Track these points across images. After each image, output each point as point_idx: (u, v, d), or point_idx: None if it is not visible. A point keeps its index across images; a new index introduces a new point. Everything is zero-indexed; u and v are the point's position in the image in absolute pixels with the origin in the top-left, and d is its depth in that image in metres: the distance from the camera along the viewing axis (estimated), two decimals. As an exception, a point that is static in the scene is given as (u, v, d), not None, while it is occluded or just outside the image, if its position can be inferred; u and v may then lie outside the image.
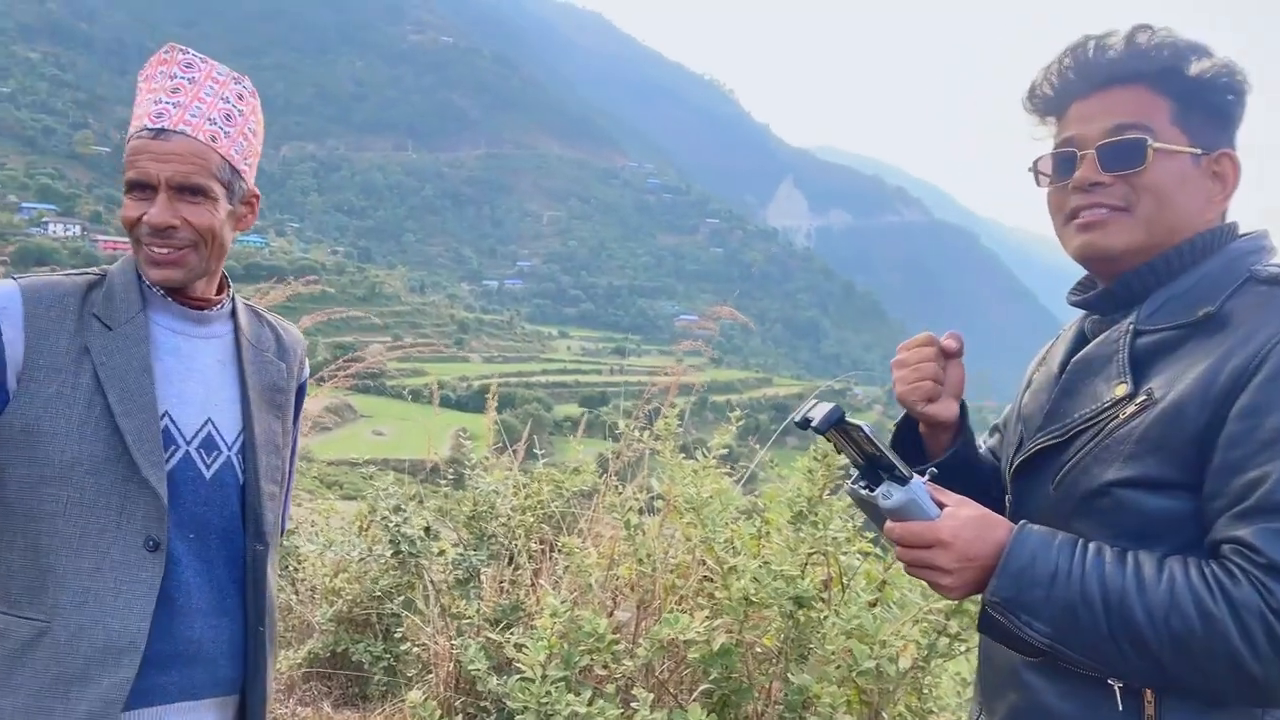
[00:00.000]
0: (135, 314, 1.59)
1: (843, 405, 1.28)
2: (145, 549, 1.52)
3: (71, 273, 1.64)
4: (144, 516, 1.52)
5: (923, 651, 2.37)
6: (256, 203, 1.72)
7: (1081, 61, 1.32)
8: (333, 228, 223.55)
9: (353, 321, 72.68)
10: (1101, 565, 1.17)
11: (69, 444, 1.49)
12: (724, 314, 4.15)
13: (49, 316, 1.53)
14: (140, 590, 1.51)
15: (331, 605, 3.93)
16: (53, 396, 1.50)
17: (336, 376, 5.97)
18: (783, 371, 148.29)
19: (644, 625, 2.78)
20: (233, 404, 1.70)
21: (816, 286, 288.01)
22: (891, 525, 1.26)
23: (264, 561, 1.69)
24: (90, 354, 1.53)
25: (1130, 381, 1.25)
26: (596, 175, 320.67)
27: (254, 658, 1.68)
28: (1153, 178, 1.28)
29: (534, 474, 3.60)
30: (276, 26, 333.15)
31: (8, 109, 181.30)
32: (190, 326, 1.67)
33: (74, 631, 1.47)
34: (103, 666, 1.48)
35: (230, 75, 1.66)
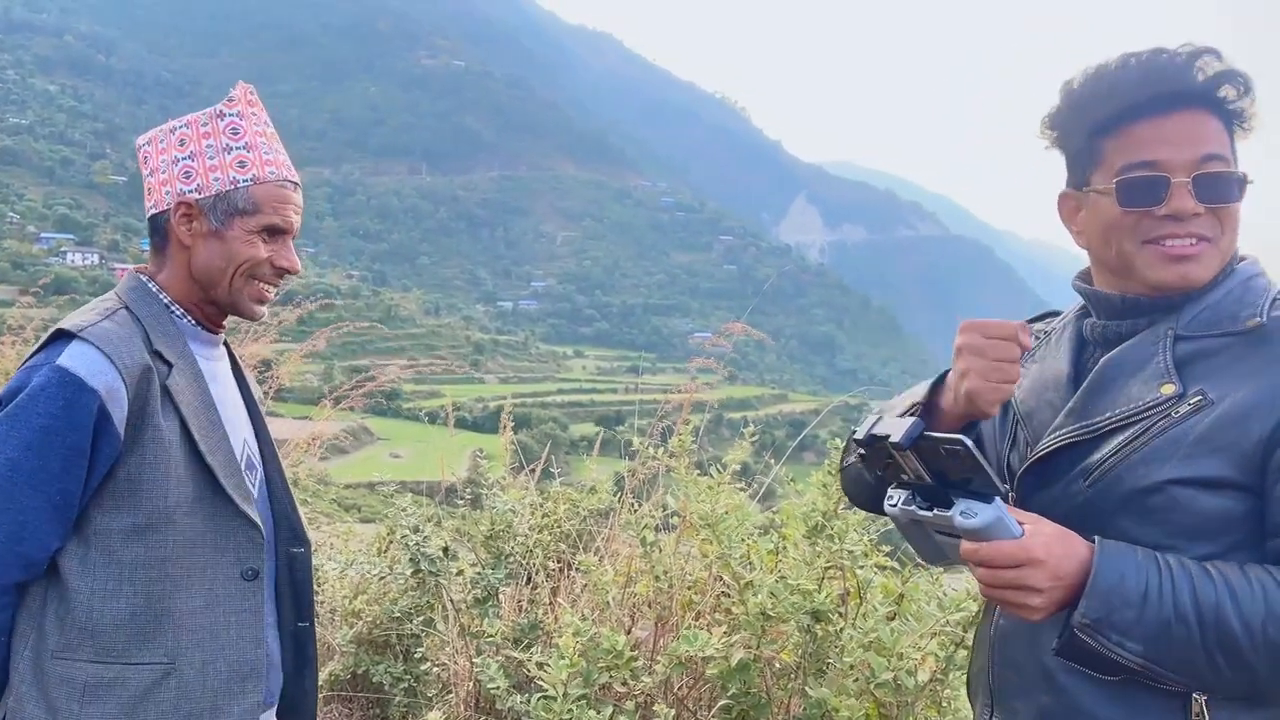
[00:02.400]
0: (183, 347, 1.62)
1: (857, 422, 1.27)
2: (244, 579, 1.57)
3: (106, 311, 1.60)
4: (237, 548, 1.57)
5: (941, 664, 2.37)
6: None
7: (1156, 76, 1.29)
8: (348, 252, 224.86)
9: (368, 344, 73.06)
10: (1190, 579, 1.15)
11: (169, 488, 1.51)
12: (737, 330, 4.16)
13: (139, 365, 1.53)
14: (249, 619, 1.57)
15: (351, 627, 3.95)
16: (149, 443, 1.51)
17: (351, 396, 6.01)
18: (798, 387, 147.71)
19: (662, 642, 2.79)
20: (248, 421, 1.75)
21: (831, 302, 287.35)
22: (973, 546, 1.20)
23: (305, 563, 1.74)
24: (170, 393, 1.54)
25: (1178, 382, 1.25)
26: (610, 195, 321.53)
27: (298, 659, 1.73)
28: (1236, 212, 1.31)
29: (550, 493, 3.61)
30: (293, 56, 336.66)
31: (26, 140, 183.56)
32: (209, 350, 1.71)
33: (199, 668, 1.52)
34: (230, 697, 1.54)
35: (265, 119, 1.75)
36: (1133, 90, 1.30)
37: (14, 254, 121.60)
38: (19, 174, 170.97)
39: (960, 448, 1.17)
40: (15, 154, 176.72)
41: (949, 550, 1.27)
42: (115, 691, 1.49)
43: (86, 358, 1.48)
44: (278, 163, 1.68)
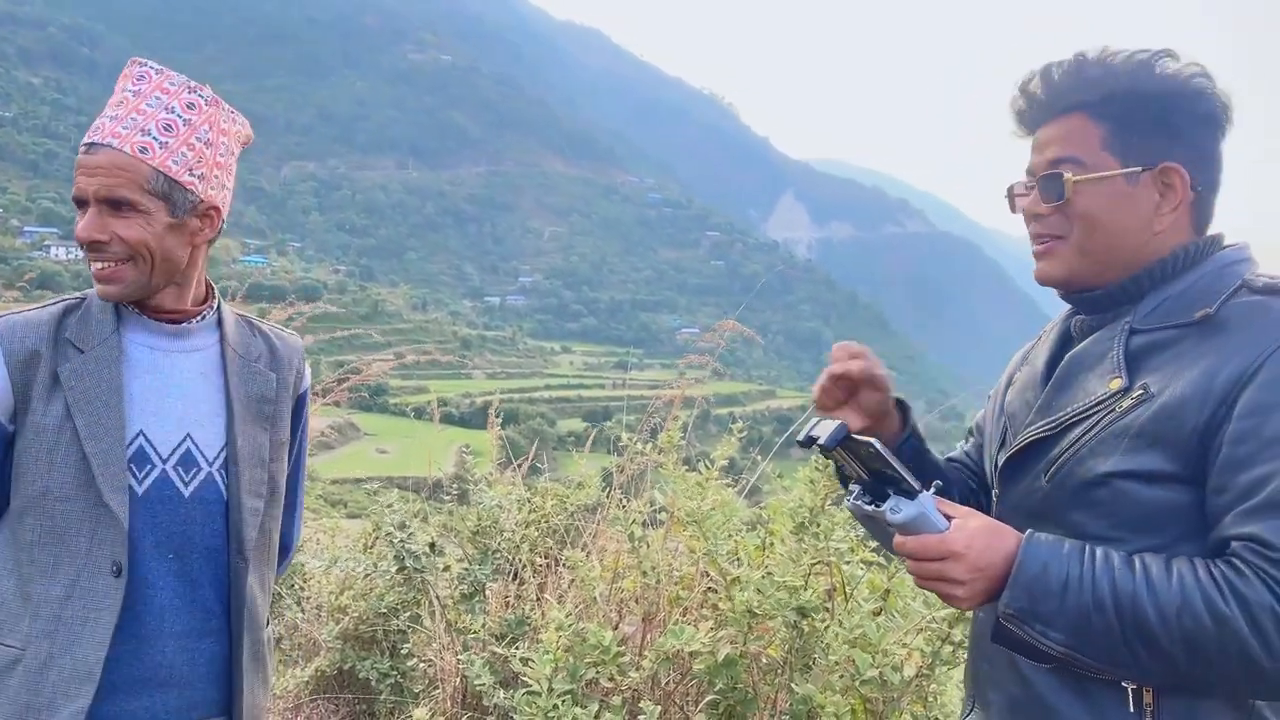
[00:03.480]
0: (108, 335, 1.58)
1: None
2: (111, 574, 1.50)
3: (49, 302, 1.63)
4: (112, 541, 1.51)
5: (927, 660, 2.37)
6: (217, 215, 1.66)
7: (1034, 92, 1.40)
8: (335, 246, 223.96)
9: (355, 341, 72.61)
10: (1111, 569, 1.18)
11: (40, 473, 1.50)
12: (728, 328, 4.15)
13: (26, 350, 1.52)
14: (103, 618, 1.49)
15: (337, 623, 3.93)
16: (29, 427, 1.51)
17: (335, 390, 5.98)
18: (786, 383, 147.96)
19: (649, 637, 2.79)
20: (215, 417, 1.66)
21: (819, 298, 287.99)
22: (902, 539, 1.26)
23: (245, 578, 1.64)
24: (60, 380, 1.52)
25: (1125, 376, 1.28)
26: (598, 191, 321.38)
27: (237, 677, 1.64)
28: (1080, 207, 1.35)
29: (537, 489, 3.61)
30: (279, 49, 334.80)
31: (10, 133, 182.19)
32: (167, 341, 1.65)
33: (44, 660, 1.47)
34: (65, 696, 1.47)
35: (185, 85, 1.62)
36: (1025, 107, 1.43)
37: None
38: (2, 167, 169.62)
39: (872, 449, 1.24)
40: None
41: None
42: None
43: None
44: (94, 127, 1.57)
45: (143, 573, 1.54)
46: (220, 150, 1.65)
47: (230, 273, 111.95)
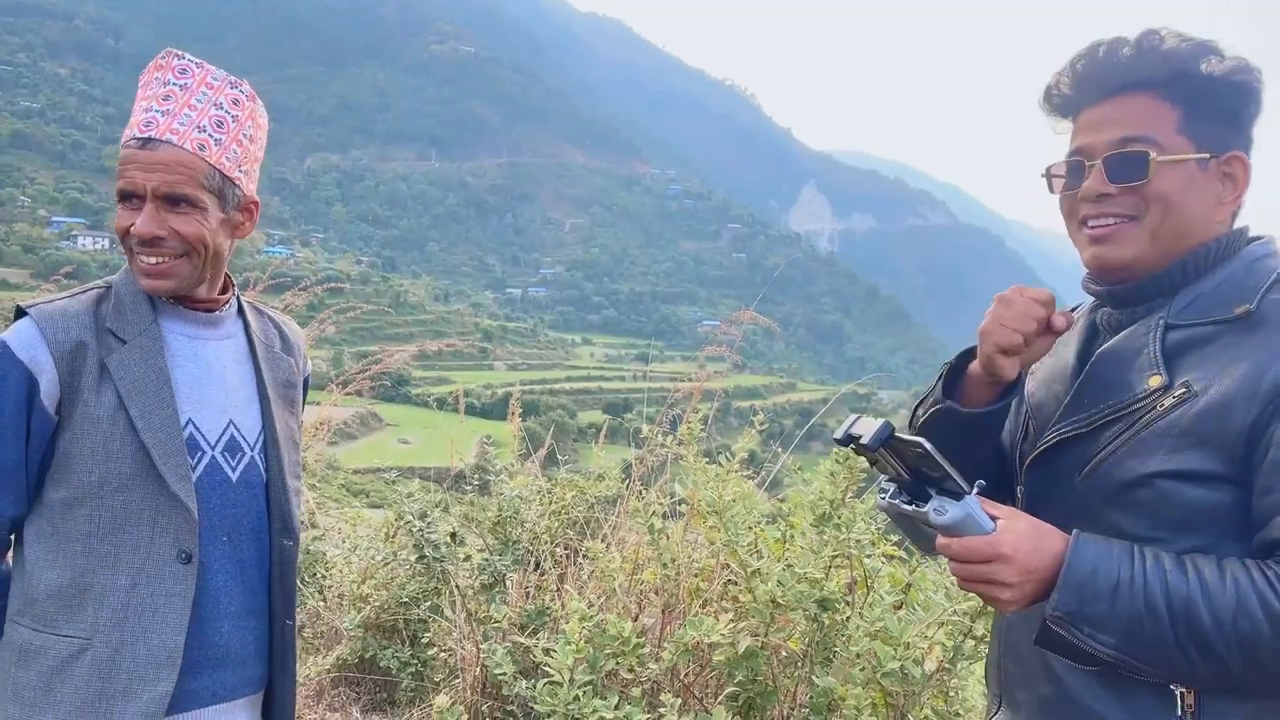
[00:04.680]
0: (148, 324, 1.59)
1: (861, 410, 1.27)
2: (178, 561, 1.54)
3: (76, 291, 1.63)
4: (175, 529, 1.54)
5: (948, 654, 2.36)
6: (256, 209, 1.69)
7: (1092, 67, 1.34)
8: (357, 238, 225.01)
9: (377, 331, 73.24)
10: (1163, 572, 1.15)
11: (96, 464, 1.51)
12: (746, 318, 4.14)
13: (71, 341, 1.53)
14: (176, 604, 1.53)
15: (359, 611, 3.96)
16: (80, 419, 1.51)
17: (357, 380, 6.02)
18: (806, 376, 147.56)
19: (669, 629, 2.79)
20: (251, 403, 1.70)
21: (840, 290, 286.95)
22: (946, 541, 1.22)
23: (291, 557, 1.71)
24: (109, 371, 1.53)
25: (1164, 373, 1.24)
26: (618, 183, 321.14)
27: (281, 653, 1.71)
28: (1158, 188, 1.29)
29: (558, 480, 3.61)
30: (300, 40, 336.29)
31: (37, 124, 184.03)
32: (204, 330, 1.68)
33: (115, 648, 1.50)
34: (143, 681, 1.50)
35: (227, 80, 1.63)
36: (1073, 83, 1.37)
37: (25, 238, 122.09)
38: (30, 158, 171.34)
39: (921, 449, 1.19)
40: (26, 138, 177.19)
41: (934, 542, 1.29)
42: (39, 659, 1.51)
43: (22, 333, 1.52)
44: (138, 121, 1.56)
45: (201, 556, 1.57)
46: (258, 146, 1.68)
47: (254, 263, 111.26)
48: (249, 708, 1.69)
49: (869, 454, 1.26)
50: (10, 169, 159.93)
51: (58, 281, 10.37)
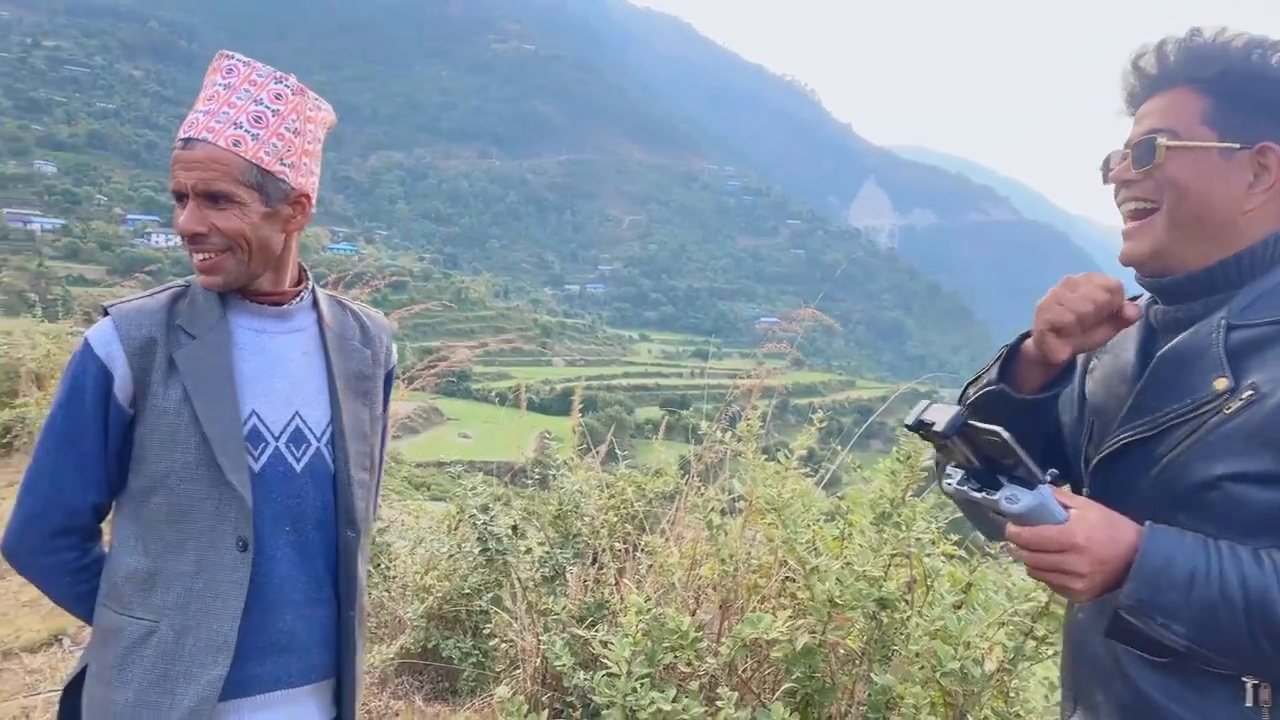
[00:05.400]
0: (217, 320, 1.64)
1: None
2: (237, 549, 1.58)
3: (156, 290, 1.69)
4: (234, 518, 1.58)
5: (1009, 654, 2.34)
6: (307, 202, 1.70)
7: (1144, 67, 1.38)
8: (420, 235, 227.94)
9: (439, 326, 74.19)
10: (1240, 563, 1.15)
11: (163, 455, 1.57)
12: (807, 315, 4.13)
13: (142, 337, 1.59)
14: (234, 591, 1.58)
15: (422, 602, 4.04)
16: (150, 412, 1.58)
17: (422, 376, 6.13)
18: (866, 374, 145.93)
19: (727, 625, 2.81)
20: (320, 394, 1.73)
21: (900, 287, 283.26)
22: (1017, 530, 1.22)
23: (354, 548, 1.73)
24: (176, 365, 1.59)
25: (1230, 375, 1.24)
26: (676, 179, 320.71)
27: (345, 642, 1.74)
28: (1169, 173, 1.32)
29: (617, 474, 3.65)
30: (365, 39, 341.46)
31: (113, 125, 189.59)
32: (272, 323, 1.71)
33: (179, 631, 1.56)
34: (202, 665, 1.56)
35: (271, 76, 1.65)
36: (1129, 84, 1.41)
37: (101, 235, 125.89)
38: (106, 157, 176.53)
39: (998, 438, 1.19)
40: (103, 138, 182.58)
41: (1002, 529, 1.28)
42: (117, 640, 1.59)
43: (101, 331, 1.60)
44: (188, 122, 1.61)
45: (263, 546, 1.62)
46: (308, 138, 1.69)
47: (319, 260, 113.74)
48: (314, 694, 1.73)
49: (942, 440, 1.27)
50: (88, 168, 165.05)
51: (137, 278, 10.73)
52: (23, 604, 5.13)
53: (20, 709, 3.88)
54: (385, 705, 3.93)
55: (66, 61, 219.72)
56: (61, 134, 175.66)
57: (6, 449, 8.58)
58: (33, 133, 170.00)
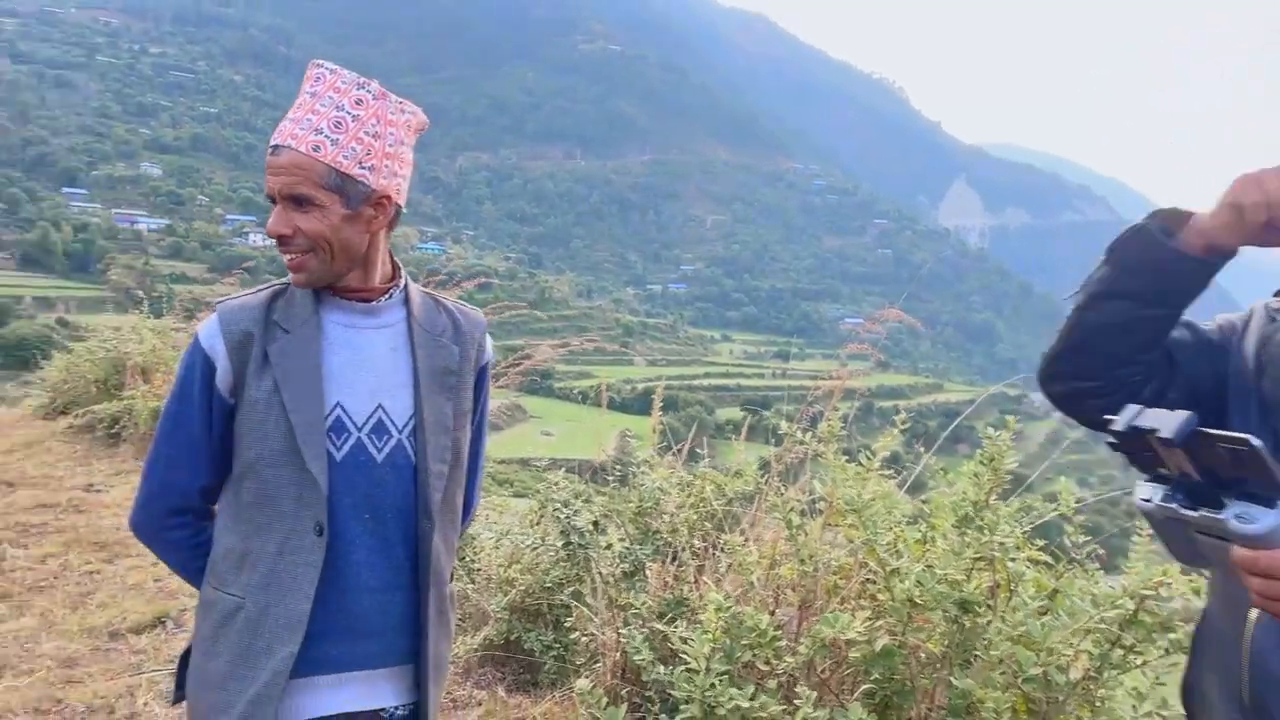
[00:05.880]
0: (309, 316, 1.73)
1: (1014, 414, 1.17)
2: (314, 533, 1.66)
3: (261, 288, 1.80)
4: (314, 503, 1.66)
5: (1094, 662, 2.29)
6: (389, 203, 1.75)
7: None
8: (505, 235, 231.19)
9: (523, 325, 75.19)
10: None
11: (254, 442, 1.67)
12: (891, 316, 4.08)
13: (241, 332, 1.70)
14: (309, 574, 1.66)
15: (505, 595, 4.13)
16: (245, 401, 1.68)
17: (507, 374, 6.23)
18: (954, 377, 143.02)
19: (805, 625, 2.81)
20: (404, 388, 1.79)
21: (991, 288, 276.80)
22: (1252, 556, 1.07)
23: (431, 537, 1.77)
24: (269, 359, 1.68)
25: None
26: (761, 178, 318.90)
27: (424, 629, 1.79)
28: None
29: (697, 473, 3.67)
30: (456, 42, 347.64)
31: (215, 128, 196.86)
32: (361, 319, 1.79)
33: (262, 609, 1.65)
34: (280, 641, 1.65)
35: (354, 82, 1.71)
36: None
37: (203, 234, 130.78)
38: (208, 159, 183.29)
39: (1245, 448, 1.04)
40: (205, 141, 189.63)
41: (1209, 552, 1.14)
42: (212, 613, 1.71)
43: (208, 325, 1.72)
44: (277, 130, 1.70)
45: (342, 532, 1.69)
46: (389, 141, 1.73)
47: (408, 259, 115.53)
48: (391, 678, 1.79)
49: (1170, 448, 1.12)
50: (191, 170, 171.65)
51: (239, 275, 11.16)
52: (129, 586, 5.39)
53: (126, 687, 4.07)
54: (469, 695, 4.02)
55: (172, 67, 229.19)
56: (167, 137, 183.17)
57: (115, 439, 8.99)
58: (140, 136, 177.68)
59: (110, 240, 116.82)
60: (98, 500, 7.15)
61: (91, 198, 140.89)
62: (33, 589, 5.26)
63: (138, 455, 8.53)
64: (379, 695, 1.77)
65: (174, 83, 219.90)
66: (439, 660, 1.85)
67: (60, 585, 5.33)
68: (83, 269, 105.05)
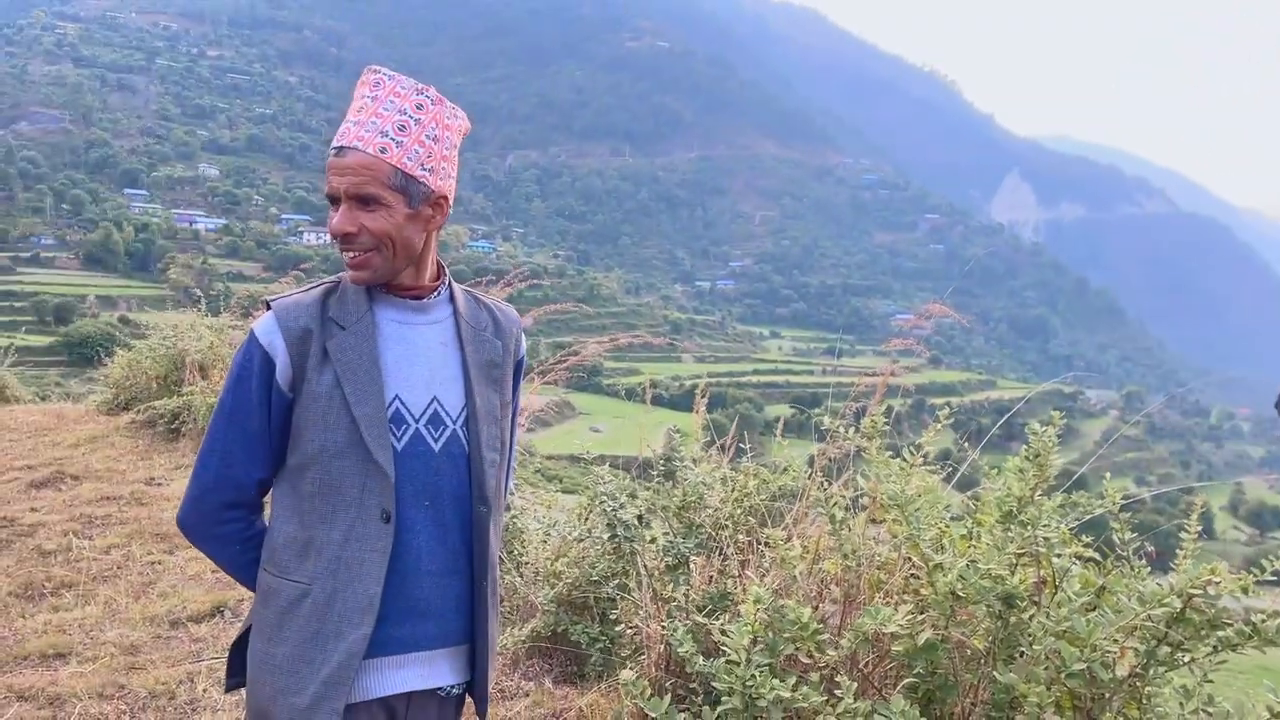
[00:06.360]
0: (364, 313, 1.79)
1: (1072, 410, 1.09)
2: (381, 521, 1.73)
3: (312, 285, 1.86)
4: (379, 492, 1.73)
5: (1141, 660, 2.27)
6: (445, 204, 1.83)
7: None
8: (554, 232, 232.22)
9: (572, 322, 75.57)
10: None
11: (317, 434, 1.73)
12: (936, 311, 4.06)
13: (300, 328, 1.75)
14: (378, 559, 1.73)
15: (552, 588, 4.18)
16: (305, 395, 1.74)
17: (554, 370, 6.29)
18: (1007, 373, 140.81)
19: (848, 619, 2.82)
20: (455, 381, 1.87)
21: (1046, 283, 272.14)
22: None
23: (486, 523, 1.86)
24: (329, 354, 1.74)
25: None
26: (810, 174, 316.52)
27: (479, 611, 1.88)
28: None
29: (742, 469, 3.69)
30: (504, 42, 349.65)
31: (270, 129, 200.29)
32: (413, 315, 1.86)
33: (329, 594, 1.72)
34: (350, 624, 1.71)
35: (414, 88, 1.79)
36: None
37: (258, 233, 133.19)
38: (263, 160, 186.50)
39: None
40: (261, 141, 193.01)
41: None
42: (275, 600, 1.76)
43: (265, 322, 1.77)
44: (340, 132, 1.76)
45: (404, 518, 1.77)
46: (445, 145, 1.82)
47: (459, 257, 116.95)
48: (449, 657, 1.88)
49: None
50: (247, 170, 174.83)
51: (296, 275, 11.39)
52: (189, 577, 5.55)
53: (186, 674, 4.20)
54: (516, 686, 4.08)
55: (229, 70, 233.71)
56: (224, 138, 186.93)
57: (175, 434, 9.23)
58: (198, 138, 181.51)
59: (170, 240, 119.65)
60: (159, 493, 7.36)
61: (151, 198, 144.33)
62: (97, 578, 5.44)
63: (196, 450, 8.75)
64: (438, 674, 1.86)
65: (230, 85, 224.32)
66: (492, 642, 1.94)
67: (123, 575, 5.51)
68: (143, 268, 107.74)
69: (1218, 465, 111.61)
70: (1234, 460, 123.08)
